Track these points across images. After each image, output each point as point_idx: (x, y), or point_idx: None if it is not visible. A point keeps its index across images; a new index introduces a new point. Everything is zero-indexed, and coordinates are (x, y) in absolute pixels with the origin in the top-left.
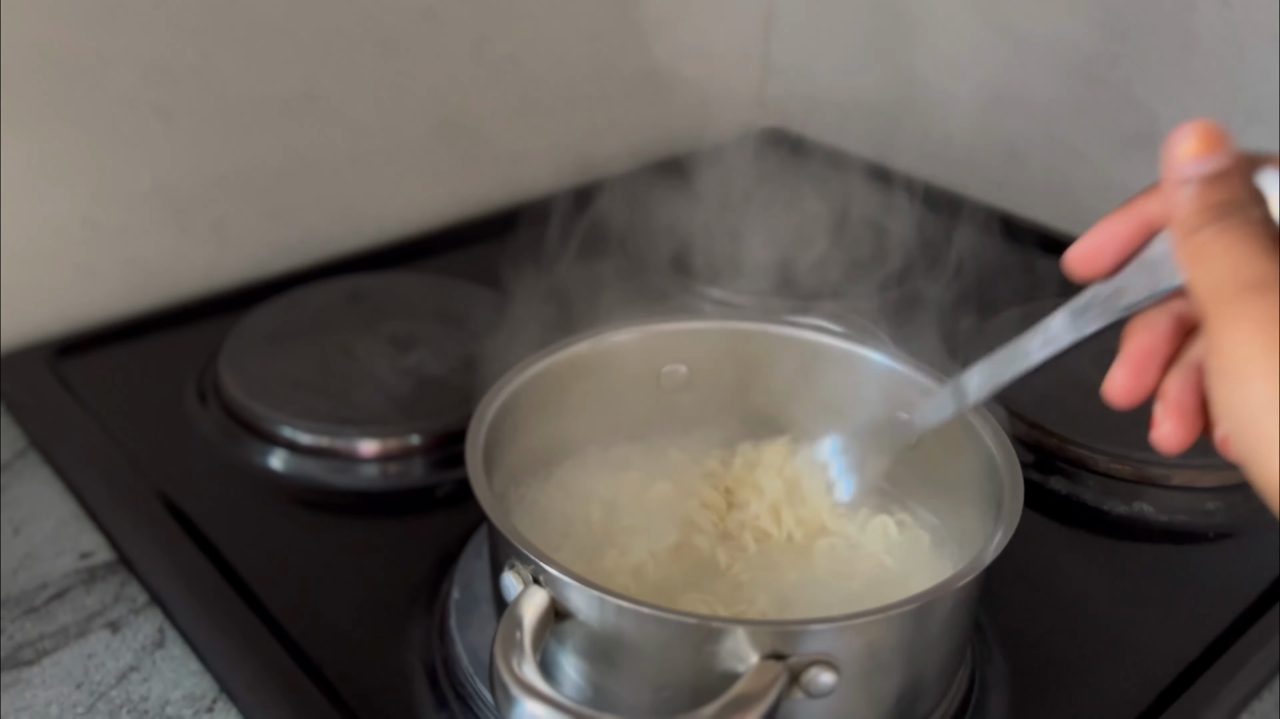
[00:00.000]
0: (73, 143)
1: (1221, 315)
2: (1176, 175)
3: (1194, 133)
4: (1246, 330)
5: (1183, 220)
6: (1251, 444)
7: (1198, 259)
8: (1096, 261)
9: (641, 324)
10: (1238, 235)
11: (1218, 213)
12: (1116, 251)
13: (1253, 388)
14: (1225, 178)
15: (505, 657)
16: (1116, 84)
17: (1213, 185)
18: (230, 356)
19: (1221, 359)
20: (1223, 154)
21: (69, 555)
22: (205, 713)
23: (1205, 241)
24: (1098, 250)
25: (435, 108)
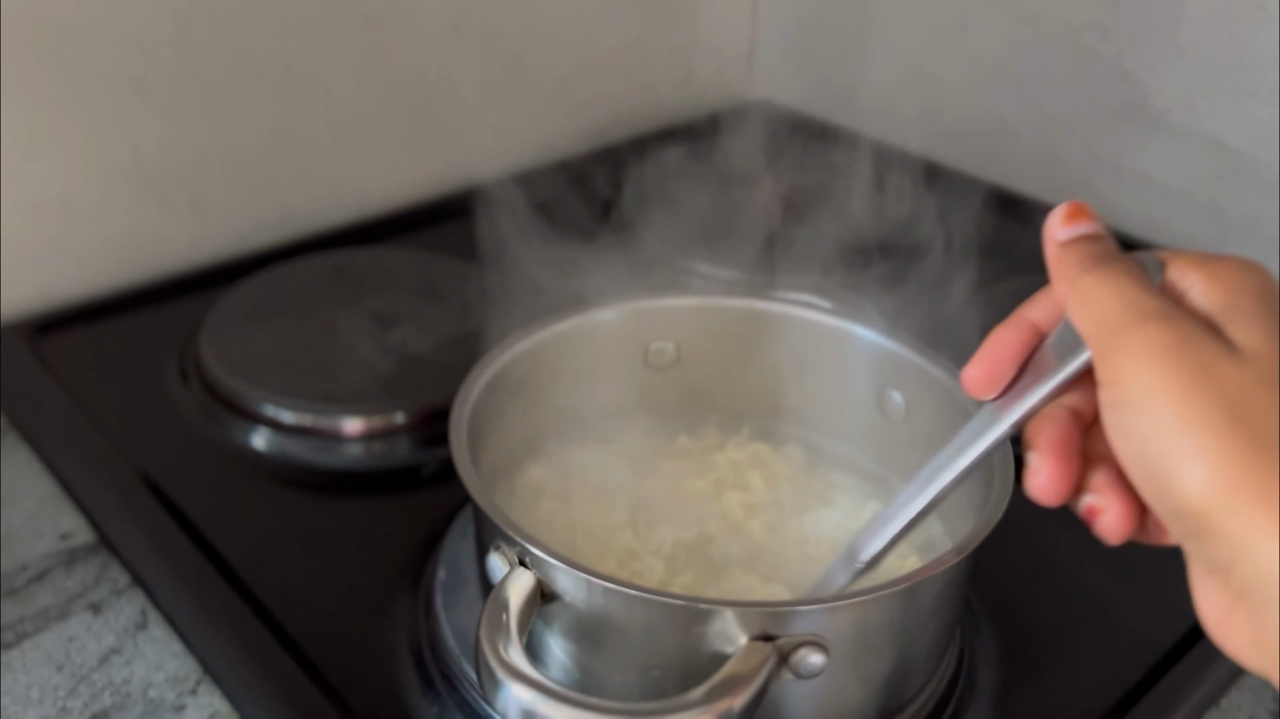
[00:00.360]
0: (48, 118)
1: (1117, 347)
2: (1055, 242)
3: (1062, 209)
4: (1145, 357)
5: (1066, 270)
6: (1162, 471)
7: (1086, 302)
8: (995, 373)
9: (629, 301)
10: (1122, 278)
11: (1100, 259)
12: (1012, 359)
13: (1158, 412)
14: (1098, 239)
15: (491, 640)
16: (1107, 56)
17: (1089, 243)
18: (212, 334)
19: (1121, 390)
20: (1093, 222)
21: (49, 536)
22: (189, 695)
23: (1092, 284)
24: (995, 361)
25: (416, 80)
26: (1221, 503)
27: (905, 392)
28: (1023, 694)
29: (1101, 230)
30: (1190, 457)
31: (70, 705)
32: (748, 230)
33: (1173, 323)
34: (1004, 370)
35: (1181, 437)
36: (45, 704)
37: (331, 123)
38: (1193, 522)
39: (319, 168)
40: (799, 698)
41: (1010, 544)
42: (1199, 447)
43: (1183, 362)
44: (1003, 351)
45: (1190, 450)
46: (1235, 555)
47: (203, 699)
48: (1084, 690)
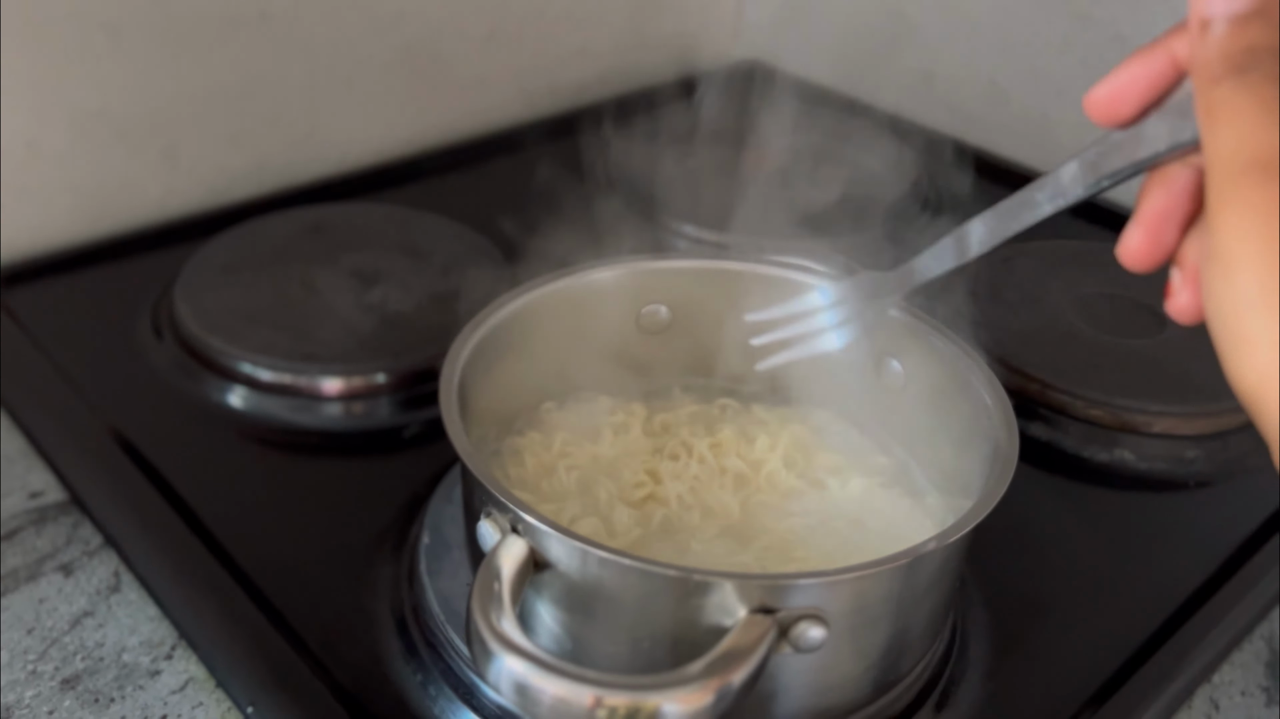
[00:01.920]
0: (14, 60)
1: (1221, 192)
2: (1200, 13)
3: None
4: (1243, 215)
5: (1202, 66)
6: (1231, 339)
7: (1212, 117)
8: (1119, 105)
9: (621, 262)
10: (1257, 95)
11: (1240, 62)
12: (1141, 95)
13: (1240, 279)
14: (1255, 20)
15: (483, 610)
16: (1102, 21)
17: (1241, 28)
18: (186, 289)
19: (1213, 240)
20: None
21: (17, 495)
22: (164, 660)
23: (1222, 97)
24: (1121, 92)
25: (398, 30)
26: (1271, 394)
27: (904, 360)
28: (1014, 669)
29: (1267, 2)
30: (1256, 336)
31: (41, 669)
32: (734, 192)
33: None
34: (1130, 102)
35: (1254, 313)
36: (15, 668)
37: (308, 72)
38: (1247, 401)
39: (295, 118)
40: (795, 672)
41: (1000, 513)
42: (1268, 329)
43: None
44: (1134, 82)
45: (1258, 330)
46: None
47: (178, 664)
48: (1076, 666)
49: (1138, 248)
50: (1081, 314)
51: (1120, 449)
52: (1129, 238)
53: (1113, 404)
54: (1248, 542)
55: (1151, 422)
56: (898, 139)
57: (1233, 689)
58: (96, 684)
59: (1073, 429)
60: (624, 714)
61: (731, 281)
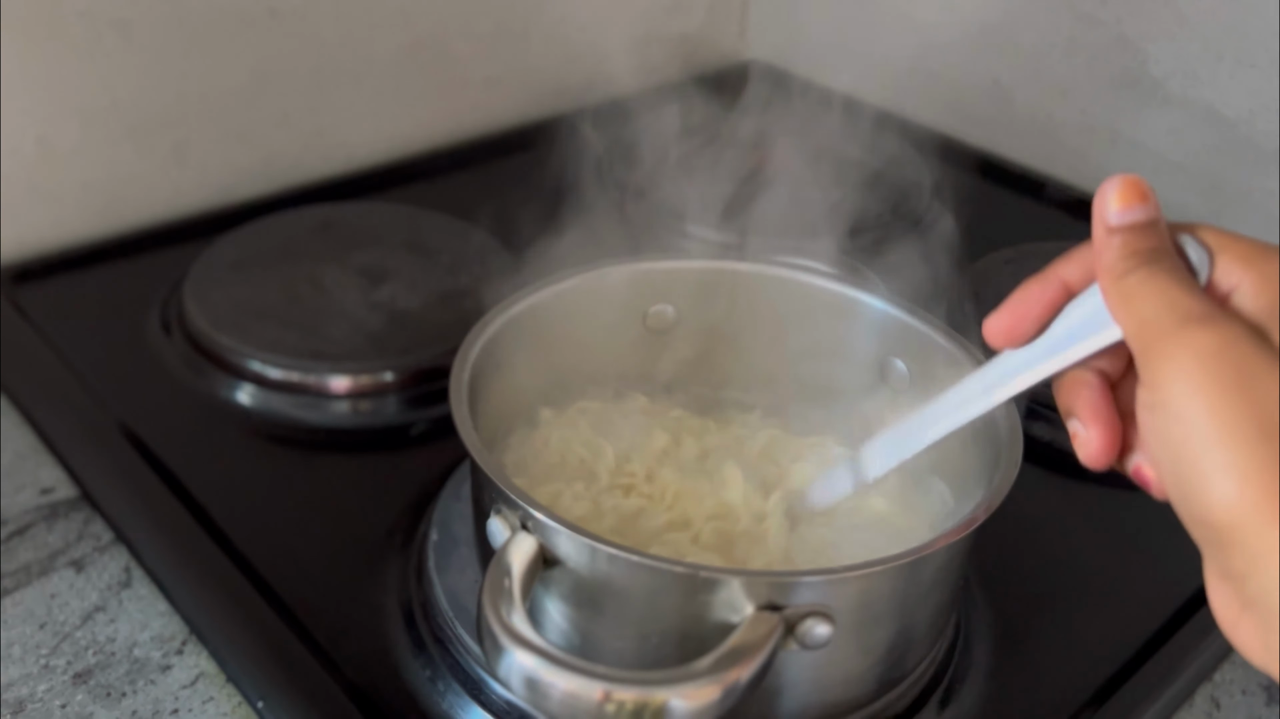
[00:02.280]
0: (25, 57)
1: (1157, 350)
2: (1104, 225)
3: (1119, 186)
4: (1185, 363)
5: (1110, 266)
6: (1190, 479)
7: (1128, 301)
8: (1018, 329)
9: (629, 262)
10: (1167, 278)
11: (1146, 258)
12: (1038, 317)
13: (1192, 421)
14: (1151, 228)
15: (494, 606)
16: (1107, 22)
17: (1139, 234)
18: (195, 286)
19: (1159, 393)
20: (1148, 207)
21: (29, 490)
22: (175, 655)
23: (1136, 284)
24: (1020, 317)
25: (404, 29)
26: (1245, 519)
27: (909, 360)
28: (1017, 667)
29: (1156, 216)
30: (1220, 470)
31: (54, 664)
32: (740, 193)
33: (1216, 328)
34: (1029, 325)
35: (1214, 448)
36: (28, 662)
37: (316, 70)
38: (1213, 533)
39: (304, 116)
40: (800, 668)
41: (1003, 511)
42: (1230, 460)
43: (1223, 370)
44: (1030, 307)
45: (1221, 463)
46: (1250, 569)
47: (189, 659)
48: (1078, 664)
49: (1101, 445)
50: None
51: None
52: (1095, 440)
53: None
54: None
55: None
56: (902, 139)
57: (1233, 688)
58: (108, 679)
59: None
60: (632, 709)
61: (740, 282)
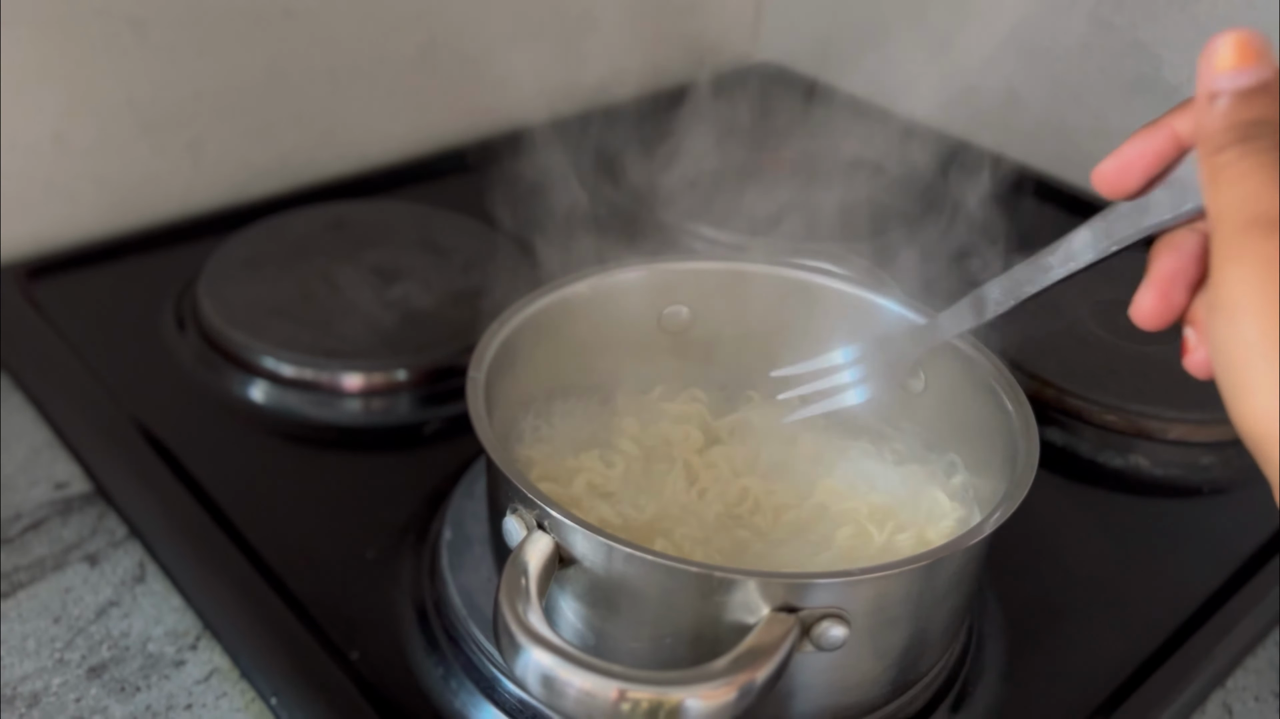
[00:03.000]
0: (42, 53)
1: (1225, 247)
2: (1208, 87)
3: (1231, 43)
4: (1246, 267)
5: (1208, 137)
6: (1234, 383)
7: (1216, 181)
8: (1124, 179)
9: (644, 263)
10: (1259, 161)
11: (1244, 132)
12: (1145, 169)
13: (1243, 326)
14: (1259, 94)
15: (511, 604)
16: (1121, 27)
17: (1245, 102)
18: (210, 282)
19: (1218, 292)
20: (1259, 68)
21: (43, 485)
22: (189, 650)
23: (1226, 163)
24: (1126, 167)
25: (419, 28)
26: (1272, 435)
27: (925, 364)
28: (1030, 672)
29: (1267, 78)
30: (1261, 383)
31: (68, 658)
32: (752, 194)
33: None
34: (1135, 177)
35: (1259, 360)
36: (42, 655)
37: (331, 69)
38: (1251, 443)
39: (318, 115)
40: (815, 670)
41: (1016, 516)
42: (1269, 372)
43: None
44: (1138, 157)
45: (1262, 376)
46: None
47: (203, 654)
48: (1091, 669)
49: (1150, 307)
50: (1098, 320)
51: (1135, 455)
52: (1141, 298)
53: (1128, 410)
54: (1262, 548)
55: (1167, 428)
56: (915, 143)
57: (1246, 694)
58: (122, 673)
59: (1088, 434)
60: (647, 708)
61: (754, 284)
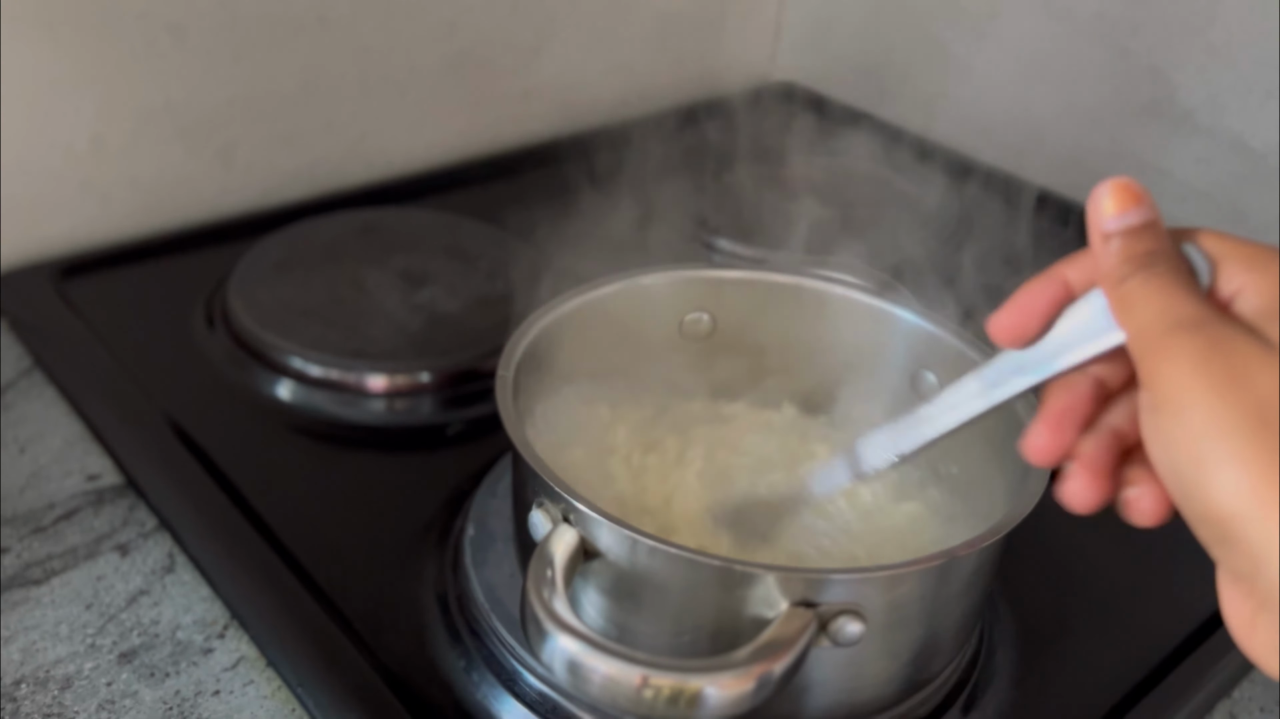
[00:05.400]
0: (82, 56)
1: (1155, 352)
2: (1100, 231)
3: (1114, 189)
4: (1181, 363)
5: (1109, 271)
6: (1190, 474)
7: (1127, 306)
8: (1021, 329)
9: (667, 270)
10: (1165, 281)
11: (1143, 262)
12: (1039, 317)
13: (1191, 416)
14: (1148, 230)
15: (538, 592)
16: (1137, 52)
17: (1136, 237)
18: (240, 284)
19: (1157, 393)
20: (1143, 209)
21: (76, 476)
22: (217, 639)
23: (1133, 288)
24: (1022, 317)
25: (449, 40)
26: (1246, 511)
27: (940, 373)
28: (1040, 677)
29: (1152, 217)
30: (1219, 463)
31: (100, 643)
32: (769, 209)
33: (1212, 329)
34: (1032, 324)
35: (1212, 442)
36: (74, 640)
37: (361, 77)
38: (1218, 529)
39: (348, 123)
40: (831, 666)
41: (1031, 533)
42: (1229, 453)
43: (1217, 367)
44: (1034, 305)
45: (1220, 457)
46: (1257, 566)
47: (230, 643)
48: (1100, 676)
49: (1043, 443)
50: None
51: None
52: (1034, 436)
53: None
54: None
55: None
56: (928, 164)
57: (1252, 705)
58: (152, 659)
59: None
60: (669, 694)
61: (775, 293)
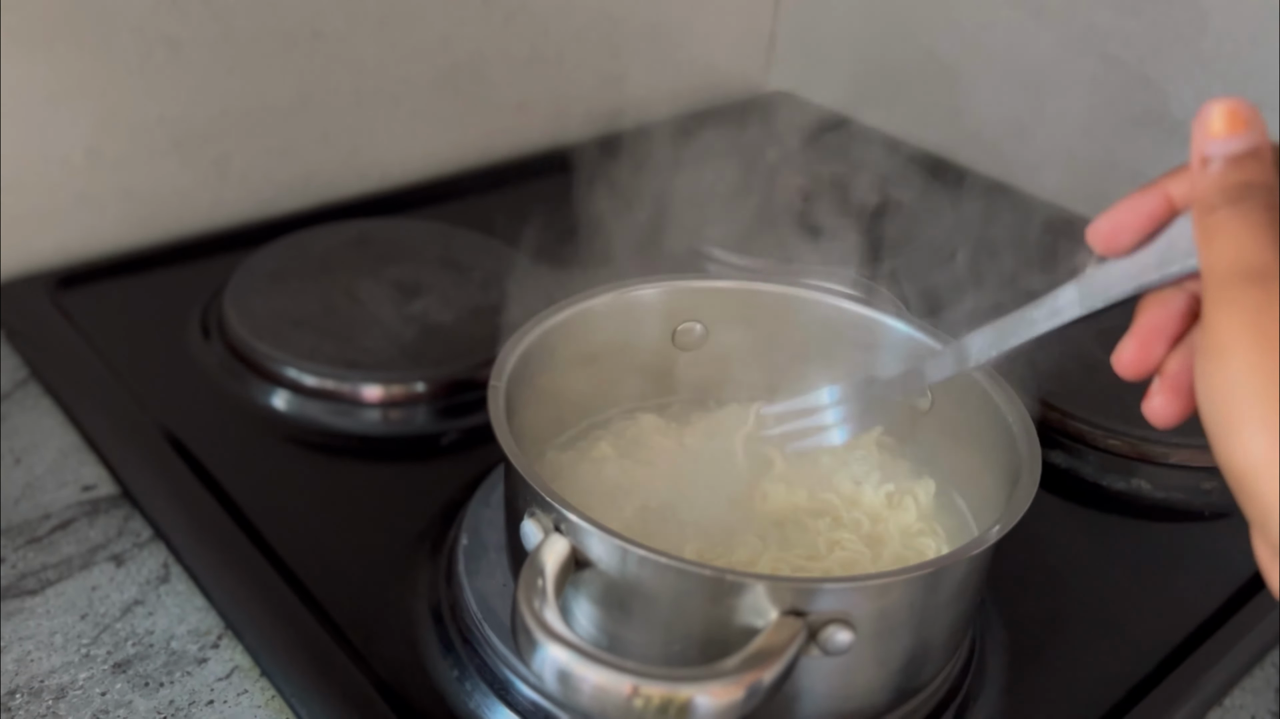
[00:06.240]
0: (79, 69)
1: (1216, 297)
2: (1201, 152)
3: (1223, 111)
4: (1235, 313)
5: (1202, 198)
6: (1222, 422)
7: (1208, 238)
8: (1119, 237)
9: (659, 280)
10: (1250, 220)
11: (1235, 194)
12: (1139, 229)
13: (1232, 367)
14: (1250, 159)
15: (529, 602)
16: (1130, 62)
17: (1236, 166)
18: (235, 294)
19: (1208, 336)
20: (1249, 135)
21: (71, 487)
22: (211, 648)
23: (1219, 222)
24: (1120, 227)
25: (442, 53)
26: (1265, 471)
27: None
28: (1031, 685)
29: (1258, 143)
30: (1246, 420)
31: (94, 653)
32: (763, 219)
33: (1277, 285)
34: (1128, 235)
35: (1243, 399)
36: (69, 650)
37: (356, 91)
38: (1237, 481)
39: (342, 135)
40: (820, 675)
41: (1019, 537)
42: (1258, 414)
43: (1267, 324)
44: (1133, 217)
45: (1248, 415)
46: (1266, 519)
47: (224, 653)
48: (1091, 687)
49: (1131, 357)
50: (1102, 345)
51: (1138, 478)
52: (1123, 349)
53: (1131, 434)
54: None
55: (1169, 452)
56: (923, 172)
57: (1243, 713)
58: (146, 669)
59: (1091, 458)
60: (659, 703)
61: (768, 302)
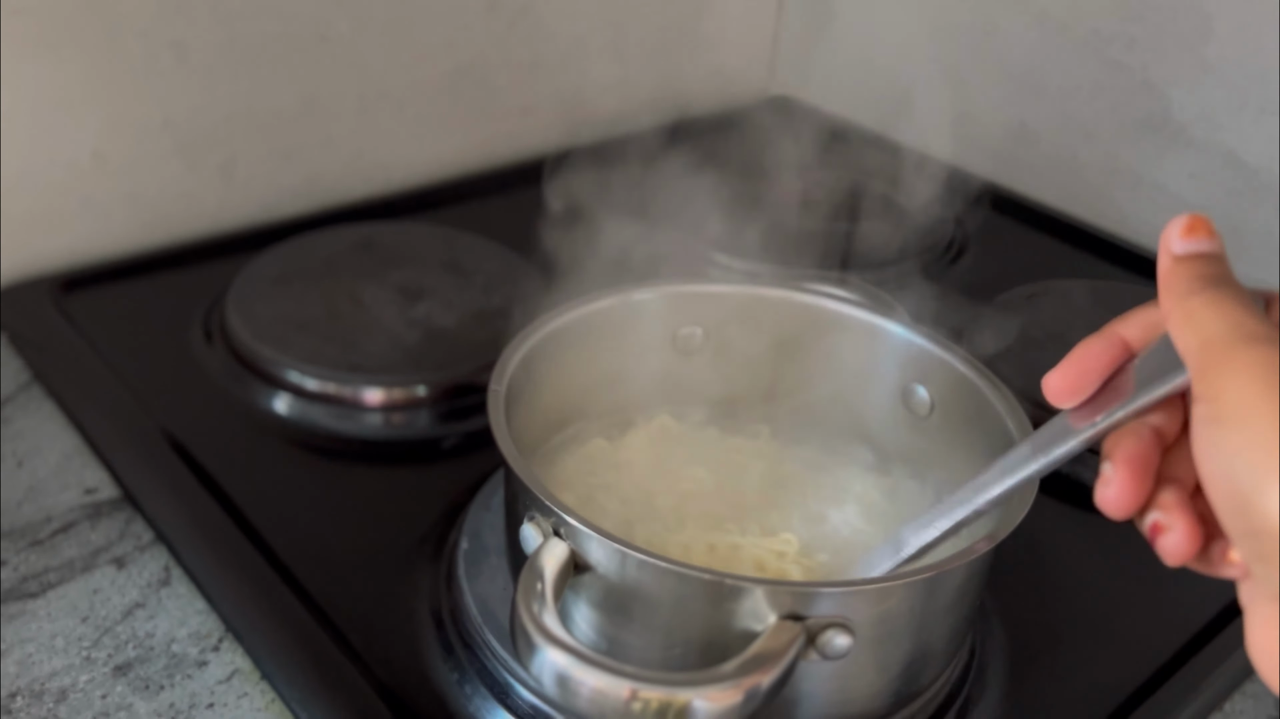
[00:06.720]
0: (84, 73)
1: (1219, 363)
2: (1170, 254)
3: (1188, 220)
4: (1246, 376)
5: (1176, 287)
6: (1249, 484)
7: (1191, 321)
8: (1080, 385)
9: (660, 285)
10: (1232, 301)
11: (1211, 281)
12: (1099, 374)
13: (1251, 426)
14: (1215, 259)
15: (528, 606)
16: (1132, 67)
17: (1205, 262)
18: (238, 298)
19: (1218, 405)
20: (1213, 240)
21: (73, 490)
22: (211, 651)
23: (1201, 304)
24: (1082, 374)
25: (447, 57)
26: None
27: (931, 387)
28: (1031, 691)
29: (1218, 249)
30: (1274, 475)
31: (95, 656)
32: (766, 224)
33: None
34: (1088, 382)
35: (1271, 454)
36: (70, 653)
37: (361, 94)
38: (1268, 543)
39: (347, 139)
40: (819, 679)
41: (1019, 541)
42: None
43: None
44: (1090, 363)
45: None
46: None
47: (225, 656)
48: (1090, 692)
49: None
50: None
51: None
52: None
53: None
54: None
55: None
56: (927, 176)
57: (1243, 718)
58: (147, 672)
59: (1091, 462)
60: (657, 707)
61: (768, 307)
